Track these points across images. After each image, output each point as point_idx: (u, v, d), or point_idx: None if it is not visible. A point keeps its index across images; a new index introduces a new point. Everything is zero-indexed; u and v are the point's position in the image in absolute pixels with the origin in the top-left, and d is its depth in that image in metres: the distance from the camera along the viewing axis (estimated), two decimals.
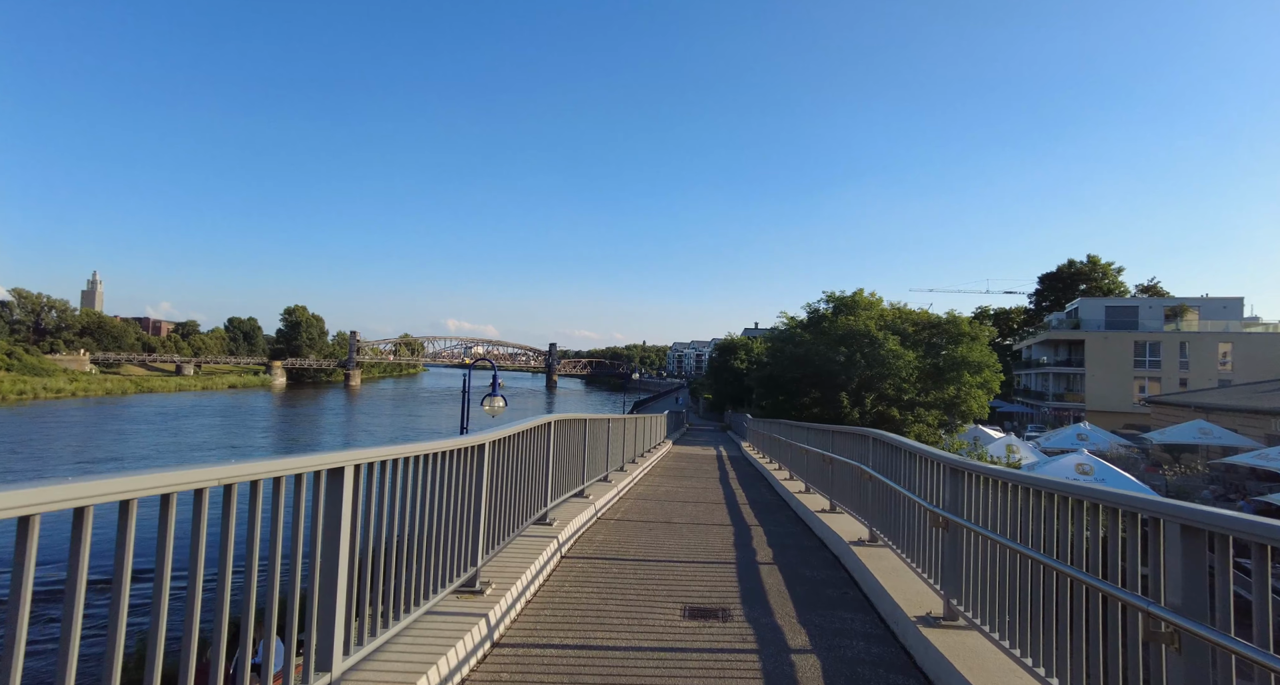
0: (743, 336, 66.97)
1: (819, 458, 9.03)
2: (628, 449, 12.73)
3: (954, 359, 28.76)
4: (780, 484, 11.76)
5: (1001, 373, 30.59)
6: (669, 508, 9.18)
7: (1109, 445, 28.65)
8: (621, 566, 5.69)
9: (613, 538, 6.86)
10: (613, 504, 8.94)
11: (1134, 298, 62.34)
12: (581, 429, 7.80)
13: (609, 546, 6.44)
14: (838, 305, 32.10)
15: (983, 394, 29.13)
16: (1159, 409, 38.54)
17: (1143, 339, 50.15)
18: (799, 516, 8.83)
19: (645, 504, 9.38)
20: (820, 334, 30.15)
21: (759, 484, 13.23)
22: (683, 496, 10.48)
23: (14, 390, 76.81)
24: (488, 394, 14.74)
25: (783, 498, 10.73)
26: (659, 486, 11.65)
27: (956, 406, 28.72)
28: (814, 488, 9.75)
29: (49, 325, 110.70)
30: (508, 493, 4.76)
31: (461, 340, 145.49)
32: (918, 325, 30.96)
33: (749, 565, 5.94)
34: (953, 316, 30.46)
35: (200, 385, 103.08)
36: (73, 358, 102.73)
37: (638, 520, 8.00)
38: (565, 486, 7.07)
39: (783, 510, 9.52)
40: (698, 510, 9.09)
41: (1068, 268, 72.38)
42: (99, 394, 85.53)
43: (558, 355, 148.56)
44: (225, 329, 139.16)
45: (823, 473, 8.86)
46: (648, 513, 8.63)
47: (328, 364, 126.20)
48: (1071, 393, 52.08)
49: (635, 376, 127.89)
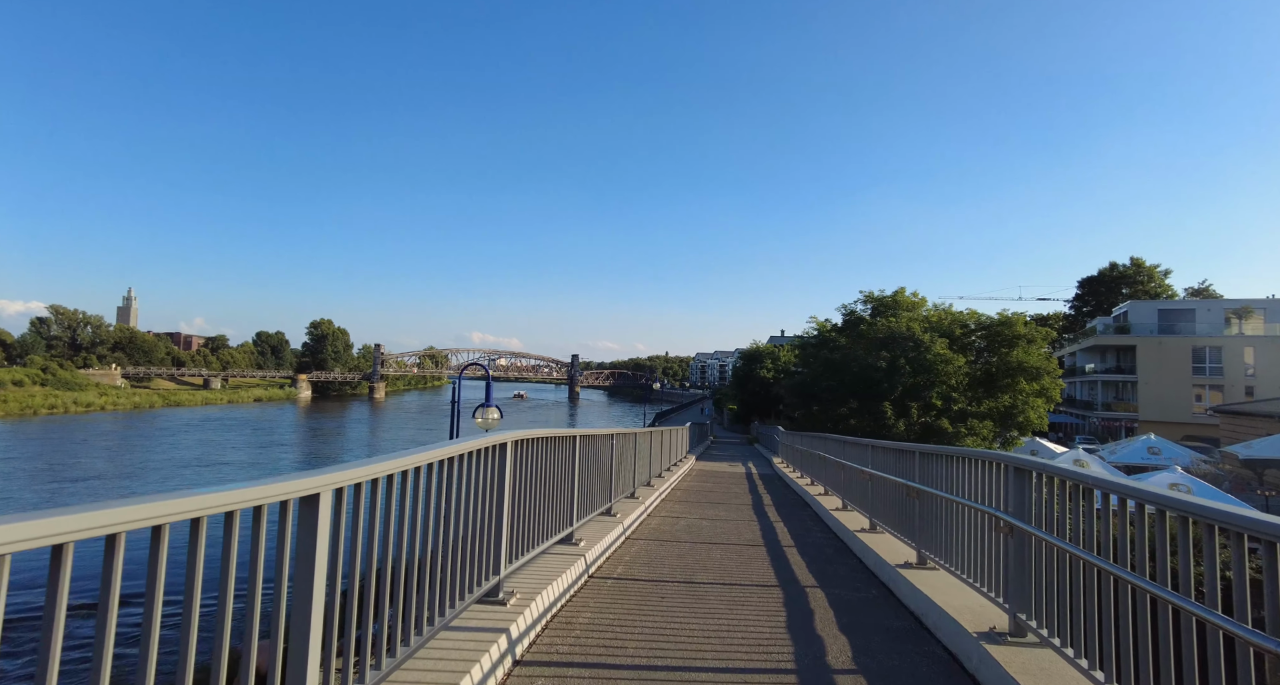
0: (769, 344, 64.28)
1: (896, 488, 6.69)
2: (640, 471, 10.50)
3: (1008, 364, 25.89)
4: (831, 514, 9.40)
5: (1062, 379, 27.62)
6: (690, 555, 6.89)
7: (1191, 461, 25.39)
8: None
9: (605, 617, 4.58)
10: (614, 551, 6.71)
11: (1189, 299, 59.01)
12: (567, 452, 5.62)
13: (593, 640, 4.13)
14: (876, 306, 29.32)
15: (1041, 403, 26.15)
16: (1229, 419, 35.29)
17: (1202, 343, 47.31)
18: (871, 571, 6.46)
19: (658, 550, 7.11)
20: (858, 338, 27.54)
21: (801, 513, 10.86)
22: (708, 534, 8.19)
23: (45, 404, 77.93)
24: (480, 404, 12.73)
25: (839, 536, 8.37)
26: (678, 519, 9.37)
27: (1012, 417, 25.79)
28: (886, 526, 7.37)
29: (84, 341, 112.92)
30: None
31: (485, 352, 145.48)
32: (966, 327, 28.14)
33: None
34: (1005, 317, 27.52)
35: (226, 399, 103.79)
36: (104, 372, 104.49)
37: (645, 579, 5.73)
38: (543, 534, 4.92)
39: (843, 558, 7.16)
40: (729, 559, 6.78)
41: (1109, 271, 69.96)
42: (127, 408, 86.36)
43: (580, 367, 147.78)
44: (254, 343, 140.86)
45: (903, 508, 6.50)
46: (660, 565, 6.35)
47: (352, 377, 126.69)
48: (1121, 402, 49.68)
49: (656, 387, 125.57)
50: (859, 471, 8.21)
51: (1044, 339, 27.09)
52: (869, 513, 8.02)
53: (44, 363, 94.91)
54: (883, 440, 8.29)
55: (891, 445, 7.32)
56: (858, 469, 8.47)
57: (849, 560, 6.98)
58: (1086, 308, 68.58)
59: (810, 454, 14.32)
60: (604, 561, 6.16)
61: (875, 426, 24.43)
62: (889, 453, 7.33)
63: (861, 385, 26.32)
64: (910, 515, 6.19)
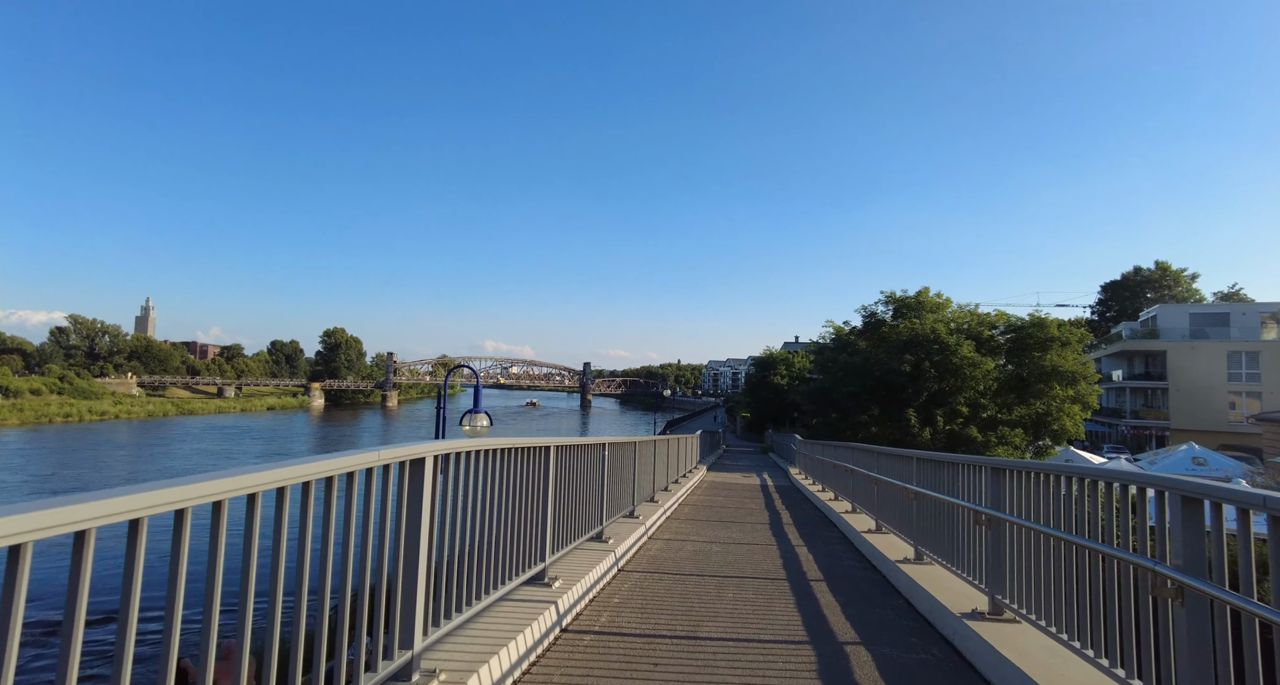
0: (783, 350, 62.70)
1: (952, 512, 5.34)
2: (642, 485, 9.23)
3: (1041, 368, 24.21)
4: (863, 537, 8.04)
5: (1099, 385, 25.90)
6: (696, 595, 5.58)
7: (1243, 472, 23.53)
8: None
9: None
10: (600, 589, 5.42)
11: (1222, 303, 57.06)
12: (535, 467, 4.37)
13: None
14: (898, 307, 27.69)
15: (1077, 410, 24.43)
16: (1274, 428, 33.29)
17: (1238, 348, 45.54)
18: (925, 618, 5.13)
19: (656, 588, 5.80)
20: (879, 341, 26.00)
21: (826, 533, 9.49)
22: (719, 563, 6.85)
23: (60, 413, 78.42)
24: (468, 411, 11.55)
25: (876, 567, 7.01)
26: (684, 543, 8.05)
27: (1046, 424, 24.09)
28: (936, 557, 6.00)
29: (102, 350, 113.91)
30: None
31: (498, 360, 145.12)
32: (995, 329, 26.49)
33: None
34: (1037, 318, 25.83)
35: (239, 407, 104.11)
36: (120, 381, 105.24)
37: (635, 633, 4.40)
38: (491, 581, 3.67)
39: (887, 597, 5.79)
40: (744, 600, 5.45)
41: (1133, 275, 68.63)
42: (141, 416, 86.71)
43: (592, 375, 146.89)
44: (268, 352, 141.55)
45: (964, 537, 5.15)
46: (657, 610, 5.05)
47: (365, 385, 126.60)
48: (1151, 409, 48.10)
49: (668, 394, 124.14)
50: (901, 489, 6.84)
51: (1079, 342, 25.41)
52: (913, 538, 6.65)
53: (61, 371, 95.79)
54: (923, 451, 6.98)
55: (941, 457, 5.99)
56: (899, 486, 7.11)
57: (894, 601, 5.63)
58: (1110, 313, 66.92)
59: (834, 465, 12.94)
60: (585, 607, 4.86)
61: (900, 434, 22.88)
62: (940, 467, 5.99)
63: (884, 391, 24.80)
64: (976, 547, 4.85)
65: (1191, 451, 26.93)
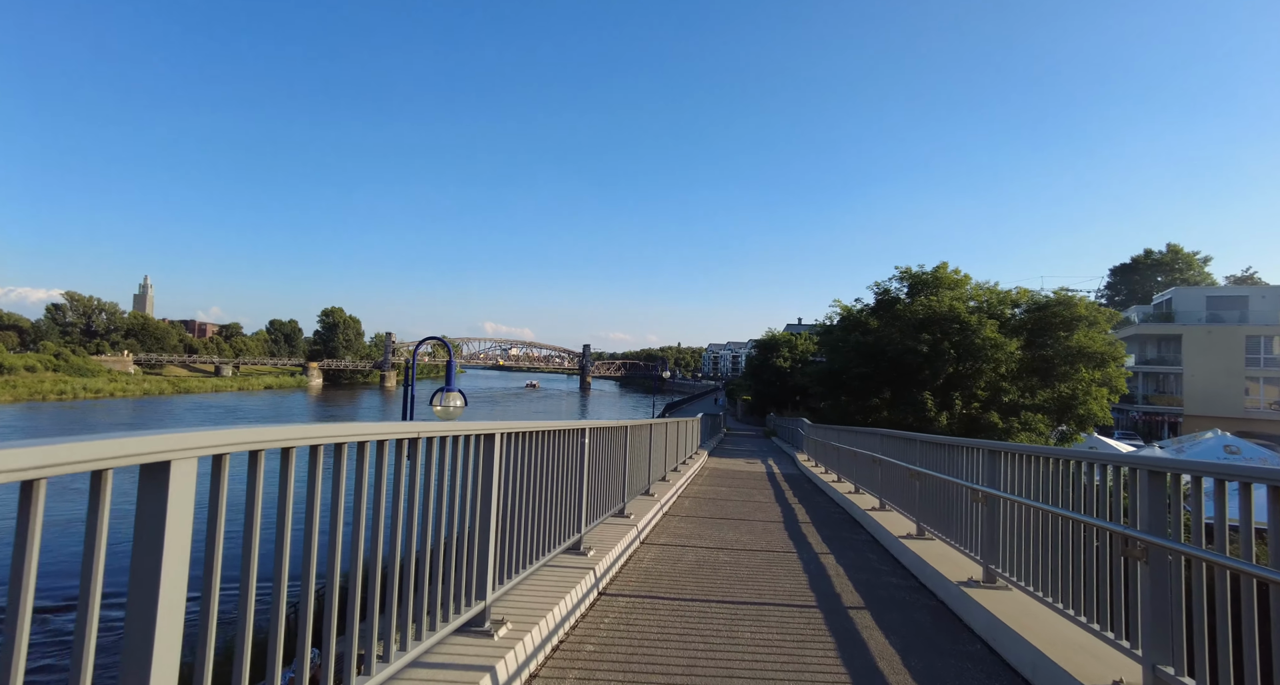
0: (785, 332, 61.09)
1: (1053, 524, 3.86)
2: (636, 477, 7.79)
3: (1067, 349, 22.65)
4: (902, 544, 6.58)
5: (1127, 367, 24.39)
6: (701, 637, 4.06)
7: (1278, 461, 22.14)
8: None
9: None
10: (570, 629, 3.94)
11: (1239, 285, 55.56)
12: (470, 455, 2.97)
13: None
14: (914, 284, 25.94)
15: (1105, 393, 22.92)
16: None
17: (1257, 333, 44.23)
18: (1015, 671, 3.68)
19: (645, 624, 4.33)
20: (893, 319, 24.37)
21: (853, 537, 8.05)
22: (727, 581, 5.36)
23: (55, 390, 77.48)
24: (440, 389, 10.11)
25: (929, 587, 5.54)
26: (684, 551, 6.59)
27: (1071, 408, 22.60)
28: (1016, 582, 4.52)
29: (99, 327, 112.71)
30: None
31: (498, 342, 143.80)
32: (1016, 307, 24.86)
33: None
34: (1063, 295, 24.18)
35: (237, 386, 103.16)
36: (116, 359, 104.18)
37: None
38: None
39: (955, 637, 4.28)
40: (764, 643, 3.93)
41: (1144, 258, 67.28)
42: (137, 394, 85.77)
43: (591, 357, 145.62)
44: (267, 331, 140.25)
45: (1043, 551, 3.66)
46: (647, 670, 3.62)
47: (363, 365, 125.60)
48: (1163, 394, 46.91)
49: (666, 376, 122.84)
50: (969, 490, 5.33)
51: (1107, 321, 23.80)
52: (978, 553, 5.17)
53: (57, 348, 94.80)
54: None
55: (1027, 449, 4.49)
56: (962, 486, 5.61)
57: (967, 645, 4.12)
58: (1119, 296, 65.62)
59: (854, 453, 11.49)
60: (543, 660, 3.42)
61: (915, 419, 21.41)
62: (1028, 461, 4.49)
63: (897, 372, 23.27)
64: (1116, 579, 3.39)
65: (1223, 440, 25.41)
